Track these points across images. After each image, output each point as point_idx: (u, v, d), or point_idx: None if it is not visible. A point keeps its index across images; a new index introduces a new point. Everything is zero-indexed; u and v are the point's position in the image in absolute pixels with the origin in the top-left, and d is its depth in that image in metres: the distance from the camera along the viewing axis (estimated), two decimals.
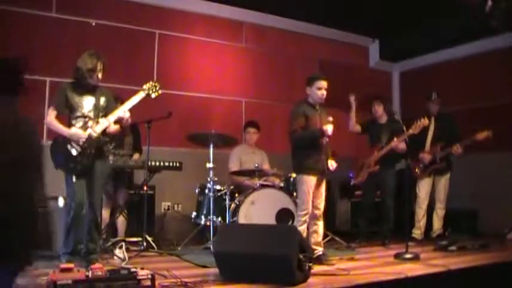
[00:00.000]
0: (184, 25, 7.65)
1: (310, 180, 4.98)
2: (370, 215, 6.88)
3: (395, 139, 6.50)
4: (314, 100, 5.12)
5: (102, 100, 4.74)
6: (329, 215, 6.50)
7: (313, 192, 5.02)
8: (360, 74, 9.15)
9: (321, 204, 5.12)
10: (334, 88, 5.07)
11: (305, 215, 4.97)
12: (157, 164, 5.87)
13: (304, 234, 4.88)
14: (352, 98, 6.69)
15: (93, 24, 6.84)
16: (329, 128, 4.96)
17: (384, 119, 6.87)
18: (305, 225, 4.98)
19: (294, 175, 6.35)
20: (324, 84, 5.07)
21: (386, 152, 6.57)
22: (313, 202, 5.05)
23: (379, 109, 6.84)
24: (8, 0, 6.29)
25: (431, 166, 6.84)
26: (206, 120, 7.45)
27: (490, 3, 6.01)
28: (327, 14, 8.14)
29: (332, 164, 5.18)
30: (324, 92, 5.07)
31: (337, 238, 6.50)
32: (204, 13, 7.78)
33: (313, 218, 5.08)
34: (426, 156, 6.84)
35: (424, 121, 6.24)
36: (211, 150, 5.97)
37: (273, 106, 8.19)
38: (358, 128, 6.89)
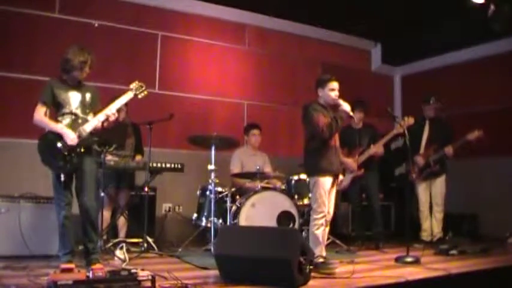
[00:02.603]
0: (187, 27, 7.66)
1: (326, 181, 4.87)
2: (364, 218, 6.87)
3: (372, 146, 6.57)
4: (326, 102, 5.02)
5: (88, 96, 4.67)
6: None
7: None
8: (362, 78, 9.17)
9: (332, 208, 5.04)
10: (338, 91, 5.04)
11: (322, 217, 4.84)
12: (159, 165, 5.87)
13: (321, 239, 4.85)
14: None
15: (96, 25, 6.86)
16: (347, 106, 4.91)
17: (359, 124, 6.81)
18: (322, 228, 4.86)
19: (296, 177, 6.38)
20: (336, 85, 4.99)
21: (368, 157, 6.59)
22: None
23: (359, 116, 6.70)
24: (11, 0, 6.32)
25: (426, 169, 6.86)
26: (208, 122, 7.47)
27: (492, 7, 6.02)
28: (330, 17, 8.16)
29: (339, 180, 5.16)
30: (337, 93, 4.98)
31: (337, 241, 6.51)
32: (206, 15, 7.80)
33: None
34: (420, 160, 6.86)
35: (409, 120, 6.27)
36: (212, 152, 5.96)
37: (275, 109, 8.20)
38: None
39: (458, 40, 8.07)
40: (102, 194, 5.50)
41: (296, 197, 6.25)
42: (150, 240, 5.68)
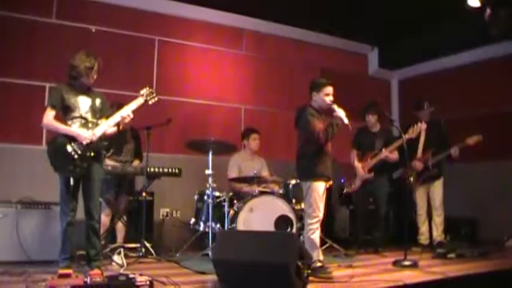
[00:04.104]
0: (184, 32, 7.67)
1: (321, 186, 4.85)
2: (366, 222, 6.87)
3: (383, 150, 6.55)
4: (320, 106, 4.97)
5: (98, 102, 4.73)
6: (328, 222, 6.51)
7: None
8: (359, 82, 9.18)
9: (322, 212, 5.02)
10: (333, 95, 5.04)
11: (317, 222, 4.82)
12: (157, 170, 5.87)
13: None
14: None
15: (93, 30, 6.86)
16: (342, 113, 4.85)
17: (376, 128, 6.85)
18: (317, 233, 4.84)
19: (293, 181, 6.38)
20: (331, 90, 4.95)
21: (379, 161, 6.60)
22: None
23: (373, 119, 6.80)
24: (9, 6, 6.33)
25: (424, 174, 6.87)
26: (205, 127, 7.47)
27: (488, 11, 6.04)
28: (327, 22, 8.17)
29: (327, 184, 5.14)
30: (332, 98, 4.93)
31: (335, 245, 6.50)
32: (204, 20, 7.80)
33: None
34: (418, 164, 6.87)
35: (422, 125, 6.32)
36: (210, 156, 5.97)
37: (273, 113, 8.20)
38: (355, 152, 6.86)
39: (456, 44, 8.06)
40: (100, 200, 5.50)
41: (294, 201, 6.25)
42: (148, 245, 5.67)
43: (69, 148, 4.45)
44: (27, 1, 6.54)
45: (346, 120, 4.85)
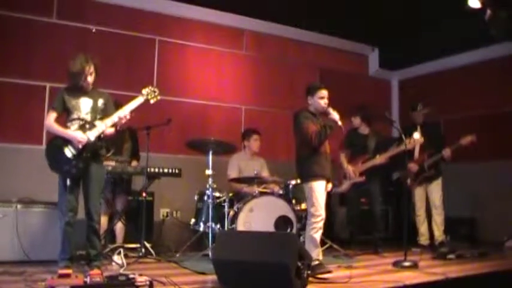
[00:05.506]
0: (184, 32, 7.67)
1: (320, 185, 4.94)
2: (363, 223, 6.89)
3: (377, 156, 6.61)
4: (316, 109, 5.12)
5: (100, 102, 4.73)
6: (327, 223, 6.49)
7: None
8: (360, 82, 9.19)
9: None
10: (333, 96, 5.09)
11: (321, 220, 4.90)
12: (157, 170, 5.87)
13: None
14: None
15: (94, 30, 6.86)
16: (336, 116, 4.94)
17: (365, 130, 6.89)
18: (320, 232, 4.91)
19: (293, 182, 6.37)
20: (325, 93, 5.09)
21: (372, 166, 6.62)
22: None
23: (355, 121, 6.88)
24: (9, 5, 6.32)
25: (421, 175, 6.87)
26: (205, 127, 7.47)
27: (489, 12, 6.03)
28: (327, 22, 8.17)
29: (328, 187, 5.17)
30: (326, 101, 5.07)
31: (335, 246, 6.50)
32: (204, 20, 7.80)
33: None
34: (413, 166, 6.87)
35: (419, 139, 6.34)
36: (210, 157, 5.96)
37: (273, 113, 8.20)
38: (345, 153, 6.90)
39: (456, 44, 8.07)
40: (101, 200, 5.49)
41: (294, 201, 6.24)
42: (147, 245, 5.67)
43: (65, 149, 4.49)
44: (28, 0, 6.54)
45: (339, 123, 4.97)
